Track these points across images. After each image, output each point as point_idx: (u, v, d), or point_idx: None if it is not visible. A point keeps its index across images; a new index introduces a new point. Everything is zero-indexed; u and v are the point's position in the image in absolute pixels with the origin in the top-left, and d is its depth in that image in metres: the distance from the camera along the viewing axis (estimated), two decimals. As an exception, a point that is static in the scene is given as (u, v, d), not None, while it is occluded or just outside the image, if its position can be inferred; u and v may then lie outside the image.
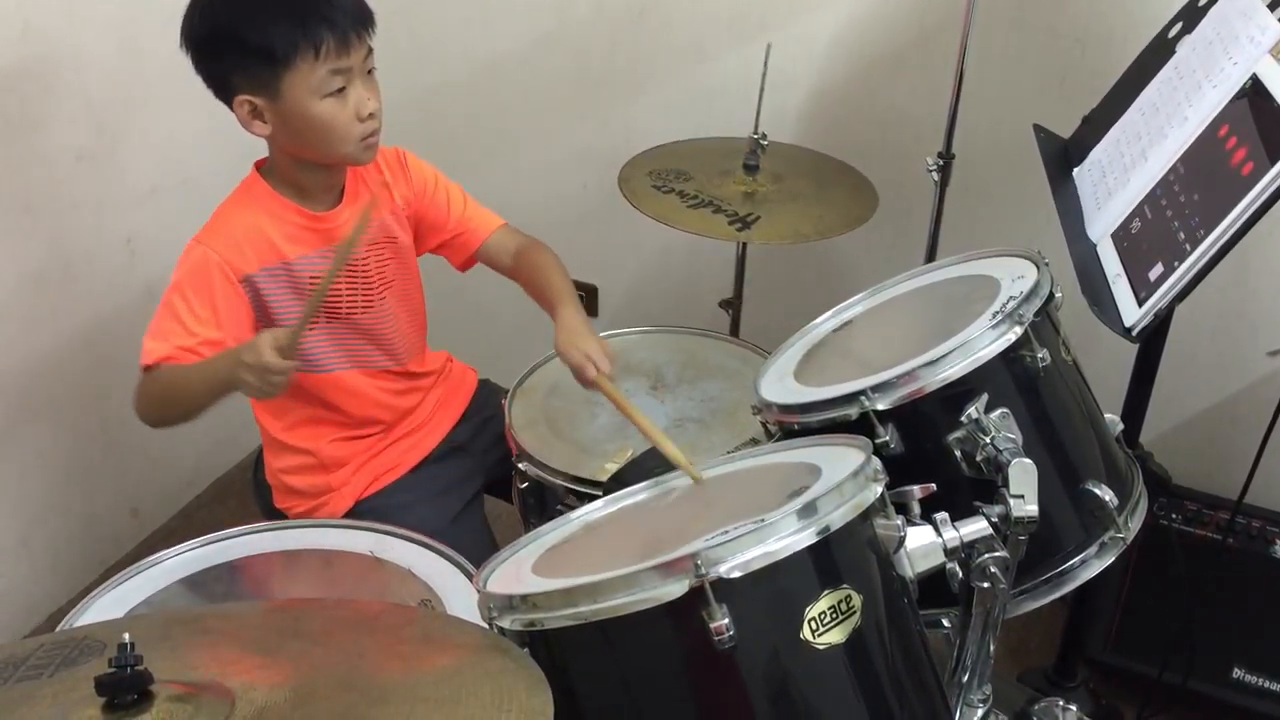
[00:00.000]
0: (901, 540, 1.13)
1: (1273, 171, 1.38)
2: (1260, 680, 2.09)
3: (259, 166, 1.75)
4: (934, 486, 1.18)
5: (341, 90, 1.62)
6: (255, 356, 1.49)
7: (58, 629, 1.28)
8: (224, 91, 1.65)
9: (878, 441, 1.29)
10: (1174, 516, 2.11)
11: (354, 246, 1.54)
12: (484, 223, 1.90)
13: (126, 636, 0.89)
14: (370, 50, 1.65)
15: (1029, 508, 1.20)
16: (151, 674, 0.88)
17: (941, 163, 2.08)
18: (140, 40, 2.29)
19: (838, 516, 1.06)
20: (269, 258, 1.69)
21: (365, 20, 1.64)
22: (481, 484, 1.95)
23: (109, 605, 1.43)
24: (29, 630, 2.34)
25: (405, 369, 1.89)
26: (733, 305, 2.38)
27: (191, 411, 1.64)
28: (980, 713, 1.31)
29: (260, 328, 1.70)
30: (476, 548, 1.81)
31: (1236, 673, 2.09)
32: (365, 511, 1.82)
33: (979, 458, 1.27)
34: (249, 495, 2.02)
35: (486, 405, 2.00)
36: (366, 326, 1.81)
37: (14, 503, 2.29)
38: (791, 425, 1.41)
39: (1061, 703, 1.42)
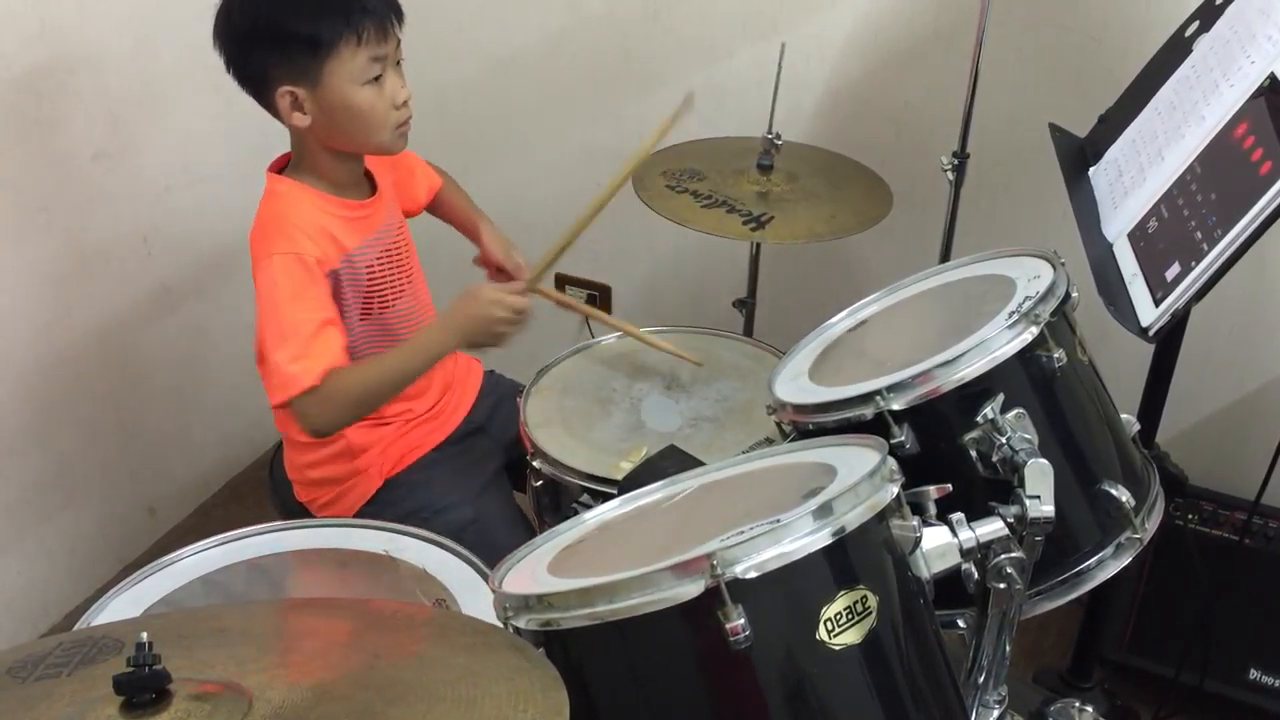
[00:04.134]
0: (917, 541, 1.12)
1: (1291, 171, 1.37)
2: (1277, 681, 2.08)
3: (274, 170, 1.76)
4: (950, 487, 1.18)
5: (378, 78, 1.67)
6: (506, 309, 1.68)
7: (75, 628, 1.29)
8: (262, 84, 1.67)
9: (893, 441, 1.29)
10: (1190, 517, 2.11)
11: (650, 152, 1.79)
12: (430, 181, 2.02)
13: (144, 635, 0.89)
14: (399, 42, 1.69)
15: (1045, 508, 1.20)
16: (169, 673, 0.88)
17: (956, 162, 2.08)
18: (156, 39, 2.30)
19: (853, 517, 1.05)
20: (336, 254, 1.72)
21: (399, 10, 1.70)
22: (502, 461, 1.96)
23: (126, 604, 1.44)
24: (46, 629, 2.35)
25: None
26: (747, 305, 2.37)
27: (388, 400, 1.75)
28: (996, 713, 1.31)
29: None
30: (506, 516, 1.84)
31: (1253, 674, 2.08)
32: (394, 488, 1.85)
33: (995, 458, 1.27)
34: (265, 494, 2.03)
35: (496, 389, 2.03)
36: (404, 312, 1.83)
37: (31, 501, 2.30)
38: (806, 425, 1.41)
39: (1077, 703, 1.42)
